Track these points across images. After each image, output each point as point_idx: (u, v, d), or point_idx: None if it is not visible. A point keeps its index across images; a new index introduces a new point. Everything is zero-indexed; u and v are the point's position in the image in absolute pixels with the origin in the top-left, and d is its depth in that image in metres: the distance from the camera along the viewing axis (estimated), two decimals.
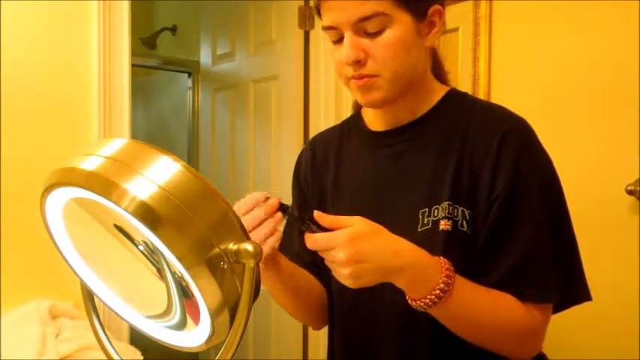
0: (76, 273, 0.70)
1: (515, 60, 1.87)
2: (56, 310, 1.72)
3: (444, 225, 0.85)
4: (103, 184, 0.54)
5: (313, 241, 0.77)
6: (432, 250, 0.83)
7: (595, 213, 1.65)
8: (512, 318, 0.83)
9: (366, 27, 0.85)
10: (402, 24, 0.85)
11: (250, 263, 0.56)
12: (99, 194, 0.55)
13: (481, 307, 0.83)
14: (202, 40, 3.18)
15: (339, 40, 0.88)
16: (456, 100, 0.96)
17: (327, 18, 0.87)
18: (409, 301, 0.80)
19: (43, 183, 0.60)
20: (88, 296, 0.73)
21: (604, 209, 1.63)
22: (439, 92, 0.96)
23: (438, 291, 0.78)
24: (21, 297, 1.75)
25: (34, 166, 1.77)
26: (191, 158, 3.53)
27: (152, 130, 4.06)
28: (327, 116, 2.43)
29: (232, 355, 0.59)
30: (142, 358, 1.72)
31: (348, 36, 0.86)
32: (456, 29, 2.00)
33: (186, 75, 3.67)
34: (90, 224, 0.64)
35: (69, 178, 0.57)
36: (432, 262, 0.80)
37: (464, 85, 1.97)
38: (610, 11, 1.62)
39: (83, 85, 1.92)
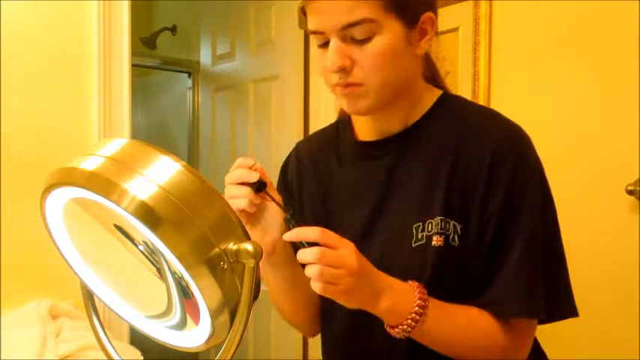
0: (76, 273, 0.70)
1: (516, 60, 1.87)
2: (56, 310, 1.72)
3: (436, 241, 0.83)
4: (103, 184, 0.54)
5: (323, 255, 0.72)
6: (424, 266, 0.83)
7: (595, 213, 1.65)
8: (490, 336, 0.83)
9: (354, 33, 0.80)
10: (391, 32, 0.81)
11: (250, 263, 0.56)
12: (99, 194, 0.55)
13: (457, 327, 0.82)
14: (202, 40, 3.18)
15: (324, 45, 0.84)
16: (447, 107, 0.92)
17: (313, 21, 0.83)
18: (388, 330, 0.79)
19: (43, 183, 0.60)
20: (88, 296, 0.73)
21: (604, 209, 1.63)
22: (430, 99, 0.92)
23: (414, 314, 0.77)
24: (21, 297, 1.75)
25: (34, 166, 1.77)
26: (191, 158, 3.53)
27: (152, 130, 4.06)
28: (327, 116, 2.43)
29: (232, 355, 0.59)
30: (141, 358, 1.72)
31: (333, 42, 0.81)
32: (456, 29, 2.00)
33: (186, 75, 3.66)
34: (90, 224, 0.64)
35: (69, 178, 0.57)
36: (405, 286, 0.80)
37: (464, 85, 1.97)
38: (610, 11, 1.62)
39: (83, 85, 1.92)
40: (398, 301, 0.77)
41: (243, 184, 0.81)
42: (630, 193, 1.55)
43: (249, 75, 2.83)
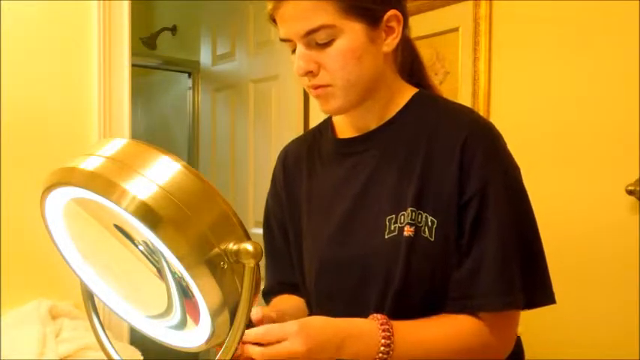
0: (76, 273, 0.70)
1: (515, 60, 1.87)
2: (56, 310, 1.72)
3: (407, 231, 0.85)
4: (103, 184, 0.54)
5: (265, 331, 0.73)
6: (396, 257, 0.84)
7: (595, 213, 1.65)
8: (471, 339, 0.84)
9: (316, 39, 0.84)
10: (352, 33, 0.84)
11: (250, 263, 0.56)
12: (99, 194, 0.55)
13: (434, 343, 0.83)
14: (202, 40, 3.18)
15: (295, 51, 0.88)
16: (421, 102, 0.94)
17: (281, 30, 0.88)
18: None
19: (43, 183, 0.60)
20: (88, 296, 0.73)
21: (604, 209, 1.63)
22: (406, 95, 0.94)
23: (382, 347, 0.79)
24: (21, 297, 1.75)
25: (34, 166, 1.77)
26: (191, 158, 3.53)
27: (152, 130, 4.06)
28: (326, 116, 2.43)
29: (232, 355, 0.59)
30: (141, 358, 1.73)
31: (298, 48, 0.86)
32: (456, 29, 2.00)
33: (187, 75, 3.67)
34: (90, 224, 0.64)
35: (69, 178, 0.57)
36: (366, 327, 0.80)
37: (464, 85, 1.97)
38: (610, 11, 1.62)
39: (83, 85, 1.92)
40: (361, 345, 0.79)
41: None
42: (630, 193, 1.55)
43: (249, 75, 2.83)
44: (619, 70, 1.61)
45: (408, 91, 0.95)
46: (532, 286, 0.85)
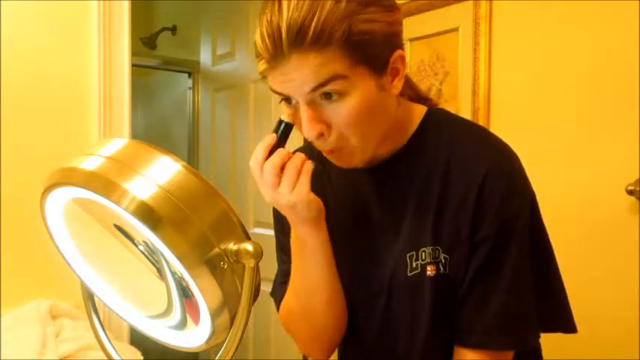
0: (75, 273, 0.70)
1: (515, 60, 1.87)
2: (56, 310, 1.72)
3: (430, 270, 0.83)
4: (104, 184, 0.54)
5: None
6: (423, 296, 0.84)
7: (595, 213, 1.65)
8: None
9: (323, 92, 0.75)
10: (363, 86, 0.76)
11: (250, 263, 0.56)
12: (99, 194, 0.55)
13: None
14: (202, 40, 3.18)
15: (286, 100, 0.79)
16: (433, 129, 0.88)
17: (277, 84, 0.78)
18: None
19: (43, 183, 0.60)
20: (88, 296, 0.73)
21: (604, 209, 1.63)
22: (414, 120, 0.89)
23: None
24: (21, 297, 1.75)
25: (34, 166, 1.77)
26: (191, 158, 3.53)
27: (152, 130, 4.06)
28: None
29: (232, 355, 0.59)
30: (141, 358, 1.73)
31: (304, 110, 0.76)
32: (456, 29, 2.00)
33: (187, 75, 3.67)
34: (90, 224, 0.64)
35: (69, 178, 0.57)
36: None
37: (464, 85, 1.97)
38: (610, 11, 1.62)
39: (83, 85, 1.92)
40: None
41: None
42: (630, 193, 1.55)
43: (249, 75, 2.83)
44: (619, 70, 1.60)
45: (415, 114, 0.90)
46: (550, 319, 0.85)
